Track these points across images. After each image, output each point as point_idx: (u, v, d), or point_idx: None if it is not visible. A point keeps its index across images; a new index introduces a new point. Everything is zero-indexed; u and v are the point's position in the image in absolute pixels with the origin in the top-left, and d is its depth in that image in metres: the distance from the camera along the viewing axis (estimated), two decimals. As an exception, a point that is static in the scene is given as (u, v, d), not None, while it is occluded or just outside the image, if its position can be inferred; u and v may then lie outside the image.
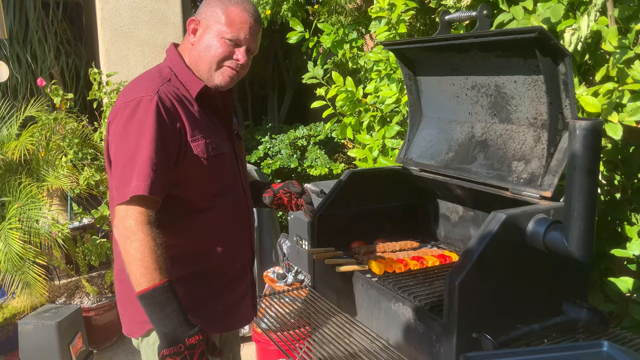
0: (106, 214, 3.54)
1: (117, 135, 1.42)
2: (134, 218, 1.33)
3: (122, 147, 1.40)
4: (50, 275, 3.71)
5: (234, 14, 1.49)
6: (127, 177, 1.35)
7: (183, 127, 1.45)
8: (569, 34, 1.88)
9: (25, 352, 3.08)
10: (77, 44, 5.08)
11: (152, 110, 1.38)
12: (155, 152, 1.36)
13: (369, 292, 1.77)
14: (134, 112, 1.39)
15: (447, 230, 2.23)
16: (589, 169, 1.31)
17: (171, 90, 1.46)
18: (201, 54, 1.52)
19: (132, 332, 1.56)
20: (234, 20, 1.49)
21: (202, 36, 1.52)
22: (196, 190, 1.50)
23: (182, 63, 1.55)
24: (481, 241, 1.40)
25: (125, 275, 1.40)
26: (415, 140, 2.24)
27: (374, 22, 2.85)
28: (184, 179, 1.47)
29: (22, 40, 4.71)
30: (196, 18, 1.53)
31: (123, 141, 1.40)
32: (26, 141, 3.63)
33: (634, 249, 1.90)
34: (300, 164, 5.04)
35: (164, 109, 1.40)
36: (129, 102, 1.41)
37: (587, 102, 1.88)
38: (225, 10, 1.49)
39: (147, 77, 1.50)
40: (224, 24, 1.49)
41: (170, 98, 1.44)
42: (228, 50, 1.51)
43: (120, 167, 1.39)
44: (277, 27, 6.55)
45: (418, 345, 1.55)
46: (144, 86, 1.44)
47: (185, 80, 1.53)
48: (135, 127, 1.38)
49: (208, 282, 1.54)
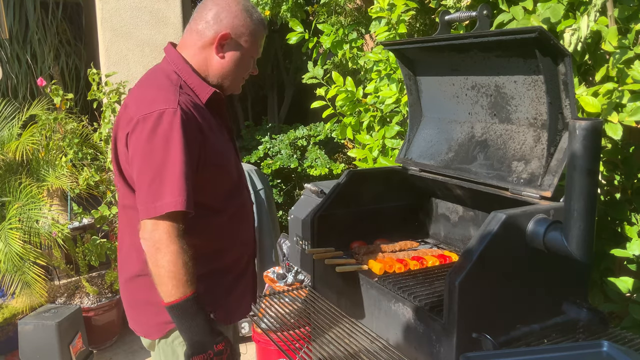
0: (106, 214, 3.54)
1: (139, 148, 1.40)
2: (166, 232, 1.35)
3: (147, 161, 1.38)
4: (50, 275, 3.71)
5: (262, 34, 1.57)
6: (156, 191, 1.35)
7: (201, 135, 1.45)
8: (569, 34, 1.88)
9: (25, 352, 3.09)
10: (77, 44, 5.08)
11: (178, 123, 1.37)
12: (185, 165, 1.37)
13: (369, 293, 1.77)
14: (157, 124, 1.37)
15: (447, 231, 2.23)
16: (589, 169, 1.31)
17: (187, 100, 1.46)
18: (231, 69, 1.56)
19: (150, 334, 1.58)
20: (261, 40, 1.58)
21: (235, 53, 1.55)
22: (211, 193, 1.53)
23: (188, 68, 1.54)
24: (481, 241, 1.40)
25: (142, 280, 1.47)
26: (415, 140, 2.25)
27: (374, 22, 2.85)
28: (201, 184, 1.47)
29: (22, 41, 4.71)
30: (228, 33, 1.51)
31: (148, 154, 1.38)
32: (27, 141, 3.64)
33: (634, 249, 1.90)
34: (300, 164, 5.04)
35: (187, 120, 1.40)
36: (150, 114, 1.39)
37: (587, 102, 1.88)
38: (257, 29, 1.55)
39: (160, 86, 1.48)
40: (254, 43, 1.56)
41: (189, 108, 1.44)
42: (251, 67, 1.62)
43: (148, 180, 1.38)
44: (277, 28, 6.55)
45: (418, 346, 1.55)
46: (162, 97, 1.42)
47: (194, 85, 1.53)
48: (160, 140, 1.37)
49: (221, 278, 1.59)
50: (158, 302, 1.41)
